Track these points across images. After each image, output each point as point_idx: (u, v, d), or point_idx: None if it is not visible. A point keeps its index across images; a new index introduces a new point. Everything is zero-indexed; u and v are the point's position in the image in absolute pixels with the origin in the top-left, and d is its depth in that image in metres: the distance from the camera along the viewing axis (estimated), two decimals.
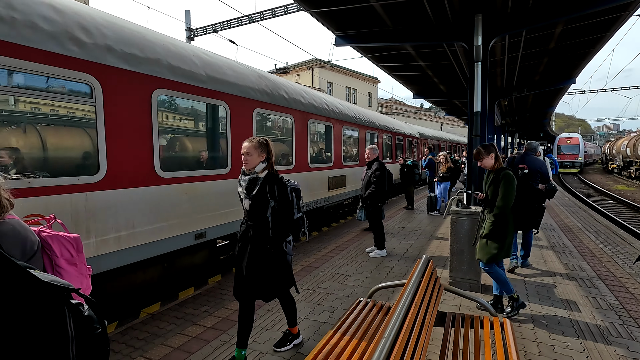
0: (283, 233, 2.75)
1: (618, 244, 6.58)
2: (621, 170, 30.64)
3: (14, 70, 3.00)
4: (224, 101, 5.16)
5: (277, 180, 2.73)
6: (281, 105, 6.50)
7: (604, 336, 3.31)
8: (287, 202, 2.73)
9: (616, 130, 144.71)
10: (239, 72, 5.65)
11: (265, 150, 2.76)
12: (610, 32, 7.05)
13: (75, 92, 3.44)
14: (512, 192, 3.51)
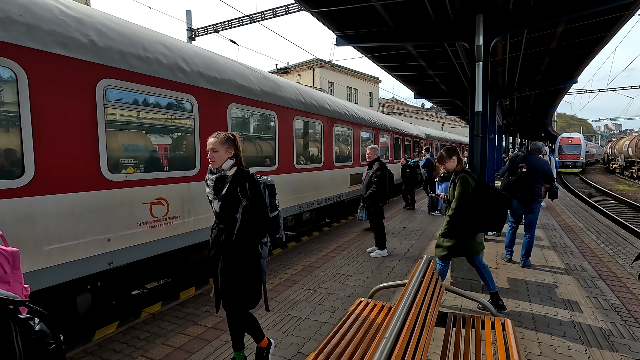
0: (259, 234, 2.53)
1: (620, 244, 6.56)
2: (623, 170, 30.55)
3: (145, 93, 4.02)
4: (272, 111, 6.20)
5: (248, 177, 2.52)
6: (313, 112, 7.56)
7: (606, 337, 3.30)
8: (261, 200, 2.51)
9: (618, 130, 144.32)
10: (282, 85, 6.68)
11: (232, 146, 2.55)
12: (612, 32, 7.02)
13: (182, 108, 4.48)
14: (466, 194, 3.69)
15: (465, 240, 3.73)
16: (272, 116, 6.24)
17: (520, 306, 3.97)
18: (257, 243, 2.54)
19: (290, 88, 7.03)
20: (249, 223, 2.50)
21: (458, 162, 3.83)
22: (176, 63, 4.39)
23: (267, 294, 3.63)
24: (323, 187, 8.06)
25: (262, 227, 2.55)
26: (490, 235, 7.25)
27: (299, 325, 3.57)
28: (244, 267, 2.53)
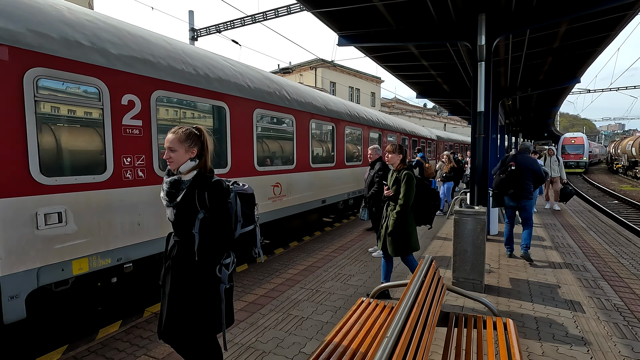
0: (216, 253, 2.05)
1: (623, 245, 6.53)
2: (626, 170, 30.41)
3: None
4: (291, 115, 6.87)
5: (209, 184, 2.05)
6: (325, 115, 8.10)
7: (609, 337, 3.29)
8: (222, 213, 2.04)
9: (621, 129, 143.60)
10: (301, 94, 7.46)
11: (196, 144, 2.11)
12: (615, 31, 6.99)
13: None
14: (412, 191, 3.87)
15: (413, 237, 3.94)
16: (290, 120, 6.84)
17: (523, 306, 3.96)
18: (214, 264, 2.05)
19: (307, 93, 7.84)
20: (206, 239, 2.05)
21: (402, 161, 4.02)
22: (216, 75, 5.06)
23: (235, 317, 3.37)
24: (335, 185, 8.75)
25: (221, 246, 2.06)
26: (492, 235, 7.24)
27: (301, 325, 3.58)
28: (195, 293, 2.05)
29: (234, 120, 5.34)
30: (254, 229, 2.23)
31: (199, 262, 2.04)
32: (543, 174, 5.68)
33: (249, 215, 2.20)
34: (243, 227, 2.17)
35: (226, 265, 2.12)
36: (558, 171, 10.16)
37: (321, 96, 8.40)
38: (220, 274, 2.09)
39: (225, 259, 2.12)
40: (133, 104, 3.90)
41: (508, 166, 5.61)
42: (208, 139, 2.17)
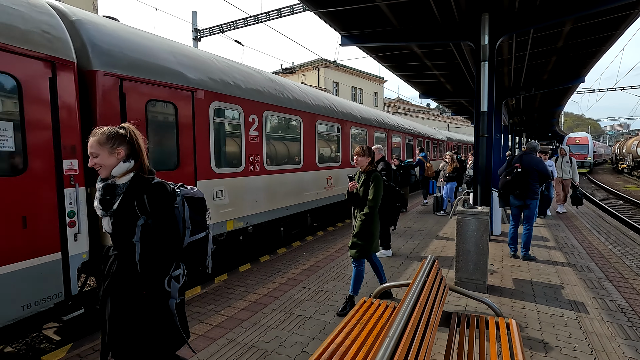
0: (163, 265, 1.85)
1: (627, 245, 6.49)
2: (631, 170, 30.17)
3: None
4: (339, 124, 8.70)
5: (149, 187, 1.85)
6: (360, 123, 9.86)
7: (612, 338, 3.27)
8: (166, 217, 1.84)
9: (626, 129, 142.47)
10: (345, 107, 9.34)
11: (121, 144, 1.87)
12: (620, 31, 6.95)
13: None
14: (381, 193, 3.83)
15: (377, 238, 3.91)
16: (337, 127, 8.52)
17: (526, 307, 3.95)
18: (161, 277, 1.84)
19: (347, 106, 9.68)
20: (149, 250, 1.84)
21: (370, 163, 3.92)
22: (294, 97, 7.00)
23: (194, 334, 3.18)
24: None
25: (167, 255, 1.86)
26: (495, 235, 7.21)
27: (304, 325, 3.59)
28: (141, 312, 1.83)
29: (305, 128, 7.33)
30: (205, 236, 2.03)
31: (142, 275, 1.82)
32: (549, 174, 5.70)
33: (200, 221, 2.01)
34: (193, 234, 1.97)
35: (176, 278, 1.90)
36: (570, 173, 9.66)
37: (357, 107, 10.41)
38: (170, 287, 1.87)
39: (175, 271, 1.90)
40: (254, 121, 5.89)
41: (514, 168, 5.60)
42: (139, 138, 1.93)
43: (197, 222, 1.99)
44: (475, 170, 6.23)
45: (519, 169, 5.53)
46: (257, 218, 5.94)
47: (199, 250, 2.01)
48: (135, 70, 4.05)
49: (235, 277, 5.05)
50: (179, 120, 4.58)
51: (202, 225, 2.02)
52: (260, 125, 6.02)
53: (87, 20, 3.89)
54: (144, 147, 1.95)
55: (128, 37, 4.22)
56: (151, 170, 1.96)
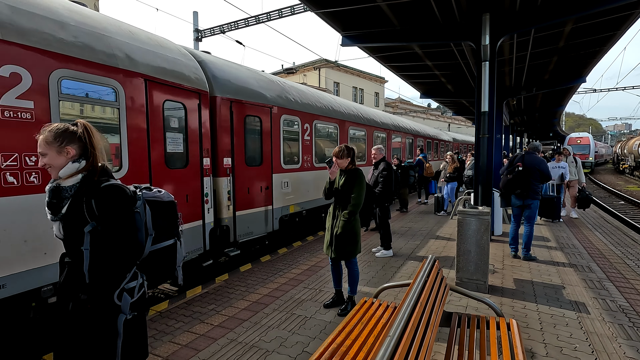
0: (112, 276, 1.65)
1: (629, 245, 6.48)
2: (633, 170, 30.10)
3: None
4: (365, 129, 10.48)
5: (97, 190, 1.66)
6: (381, 127, 11.77)
7: (613, 338, 3.27)
8: (115, 223, 1.66)
9: (628, 129, 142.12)
10: (372, 114, 11.58)
11: (71, 142, 1.70)
12: (621, 30, 6.94)
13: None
14: (364, 191, 3.76)
15: (360, 239, 3.83)
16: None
17: (527, 307, 3.95)
18: (110, 289, 1.65)
19: (374, 113, 11.82)
20: (98, 258, 1.66)
21: (350, 162, 3.80)
22: (333, 108, 8.88)
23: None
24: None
25: (117, 264, 1.67)
26: (496, 235, 7.21)
27: (304, 324, 3.60)
28: (84, 328, 1.65)
29: (341, 132, 9.11)
30: (173, 245, 1.85)
31: (89, 287, 1.63)
32: (550, 174, 5.70)
33: (166, 227, 1.83)
34: (157, 242, 1.79)
35: (129, 290, 1.70)
36: (575, 174, 9.24)
37: (378, 114, 12.15)
38: (121, 301, 1.66)
39: (129, 282, 1.70)
40: (307, 128, 7.59)
41: (515, 167, 5.62)
42: (94, 136, 1.75)
43: (162, 228, 1.81)
44: (476, 171, 6.23)
45: (520, 168, 5.55)
46: (309, 204, 7.64)
47: (164, 260, 1.82)
48: (237, 94, 5.74)
49: (236, 276, 5.06)
50: (262, 129, 6.23)
51: (169, 232, 1.84)
52: (311, 131, 7.82)
53: (208, 60, 5.62)
54: (99, 146, 1.76)
55: (231, 71, 5.90)
56: (106, 171, 1.76)
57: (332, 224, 3.79)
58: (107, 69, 3.73)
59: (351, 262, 3.86)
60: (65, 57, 3.37)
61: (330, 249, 3.81)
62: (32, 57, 3.13)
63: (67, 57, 3.38)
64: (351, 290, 3.92)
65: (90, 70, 3.58)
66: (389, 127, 12.25)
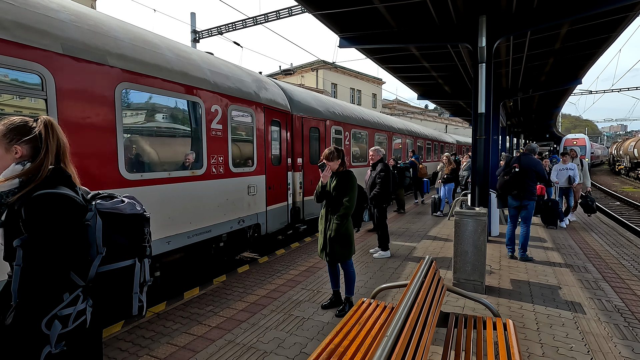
0: (39, 299, 1.36)
1: (624, 246, 6.53)
2: (628, 171, 30.32)
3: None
4: (386, 134, 12.68)
5: (29, 199, 1.39)
6: (398, 132, 13.92)
7: (609, 338, 3.30)
8: (41, 238, 1.38)
9: (624, 131, 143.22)
10: (392, 121, 14.12)
11: (25, 140, 1.49)
12: (616, 33, 7.01)
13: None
14: (356, 193, 3.76)
15: (354, 240, 3.84)
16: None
17: (523, 307, 3.97)
18: (37, 315, 1.36)
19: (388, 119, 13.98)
20: (25, 276, 1.37)
21: (341, 164, 3.80)
22: (363, 118, 10.96)
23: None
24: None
25: (42, 287, 1.36)
26: (493, 236, 7.24)
27: (302, 326, 3.60)
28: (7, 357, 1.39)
29: (369, 138, 11.12)
30: (131, 266, 1.55)
31: (15, 312, 1.37)
32: (546, 176, 5.77)
33: (126, 245, 1.55)
34: (110, 262, 1.50)
35: (63, 318, 1.39)
36: (581, 177, 8.47)
37: (395, 121, 14.29)
38: (50, 330, 1.36)
39: (65, 309, 1.39)
40: (347, 135, 9.56)
41: (512, 168, 5.66)
42: (52, 136, 1.51)
43: (119, 245, 1.53)
44: (473, 172, 6.26)
45: (516, 169, 5.60)
46: None
47: (117, 283, 1.52)
48: (305, 112, 7.73)
49: (233, 278, 5.06)
50: (319, 137, 8.33)
51: (128, 250, 1.55)
52: (350, 137, 9.85)
53: (287, 88, 7.66)
54: (54, 148, 1.51)
55: (300, 95, 7.99)
56: (52, 176, 1.47)
57: (325, 227, 3.79)
58: (247, 102, 5.90)
59: (347, 263, 3.87)
60: (233, 98, 5.58)
61: (324, 252, 3.81)
62: (219, 98, 5.27)
63: (234, 97, 5.59)
64: (348, 291, 3.92)
65: (242, 104, 5.78)
66: (403, 132, 14.50)
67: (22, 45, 3.09)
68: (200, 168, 4.90)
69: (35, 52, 3.17)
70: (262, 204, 6.24)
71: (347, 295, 3.92)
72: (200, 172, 4.88)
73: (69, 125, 3.40)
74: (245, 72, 6.32)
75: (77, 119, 3.49)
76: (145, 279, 1.64)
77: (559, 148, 34.71)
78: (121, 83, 3.86)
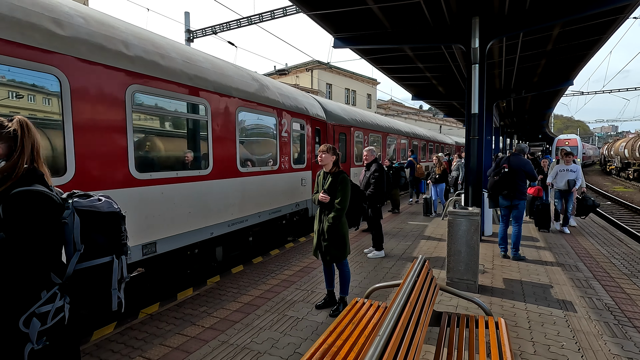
0: (16, 297, 1.41)
1: (615, 245, 6.62)
2: (619, 171, 30.74)
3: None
4: (407, 139, 16.07)
5: (8, 196, 1.42)
6: (418, 137, 17.07)
7: (599, 336, 3.34)
8: (22, 235, 1.40)
9: (615, 131, 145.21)
10: (409, 128, 17.33)
11: (1, 139, 1.50)
12: (607, 34, 7.10)
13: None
14: (349, 196, 3.74)
15: (348, 240, 3.80)
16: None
17: (516, 306, 4.01)
18: (14, 313, 1.39)
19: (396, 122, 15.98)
20: (7, 274, 1.40)
21: (335, 164, 3.81)
22: (376, 124, 12.68)
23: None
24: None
25: (19, 284, 1.41)
26: (486, 236, 7.29)
27: (296, 326, 3.60)
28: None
29: (383, 141, 12.87)
30: (109, 263, 1.58)
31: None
32: (535, 175, 5.86)
33: (104, 243, 1.58)
34: (88, 259, 1.54)
35: (42, 315, 1.42)
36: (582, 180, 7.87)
37: (403, 126, 16.32)
38: (28, 328, 1.39)
39: (44, 305, 1.43)
40: (366, 139, 11.36)
41: (501, 168, 5.78)
42: (27, 135, 1.53)
43: (97, 243, 1.56)
44: (467, 172, 6.30)
45: (506, 169, 5.71)
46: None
47: (95, 280, 1.55)
48: (335, 120, 9.35)
49: (227, 278, 5.04)
50: (346, 140, 10.01)
51: (106, 248, 1.58)
52: (368, 140, 11.60)
53: (322, 102, 9.30)
54: (29, 147, 1.53)
55: (331, 107, 9.68)
56: (32, 175, 1.49)
57: (319, 228, 3.80)
58: (302, 116, 7.71)
59: (342, 263, 3.87)
60: (293, 113, 7.31)
61: (318, 251, 3.83)
62: (285, 114, 7.04)
63: (294, 112, 7.34)
64: (342, 291, 3.93)
65: (298, 117, 7.54)
66: (409, 135, 16.39)
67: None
68: (275, 165, 6.64)
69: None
70: (309, 193, 8.01)
71: (342, 295, 3.93)
72: (275, 168, 6.66)
73: (218, 139, 5.22)
74: (300, 93, 8.32)
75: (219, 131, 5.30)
76: (123, 276, 1.67)
77: (552, 148, 35.07)
78: (239, 107, 5.65)
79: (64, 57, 3.29)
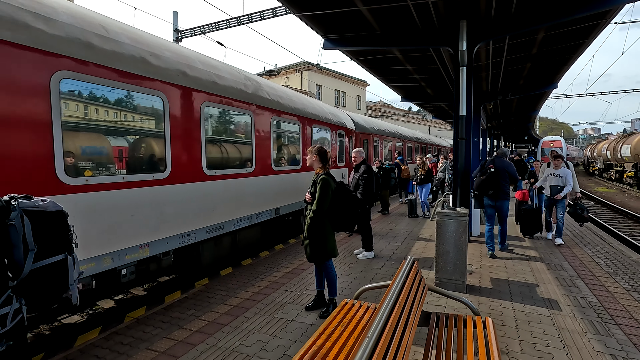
0: None
1: (598, 244, 6.77)
2: (602, 172, 31.52)
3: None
4: (416, 144, 19.67)
5: None
6: (408, 139, 18.36)
7: (583, 333, 3.41)
8: None
9: (597, 133, 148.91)
10: (416, 134, 21.10)
11: None
12: (589, 39, 7.28)
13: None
14: (327, 197, 3.71)
15: (329, 241, 3.78)
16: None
17: (503, 305, 4.06)
18: None
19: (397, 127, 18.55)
20: None
21: (322, 165, 3.85)
22: (378, 129, 14.67)
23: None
24: None
25: None
26: (474, 236, 7.38)
27: (286, 328, 3.58)
28: None
29: (392, 145, 15.79)
30: (63, 260, 1.61)
31: None
32: (517, 177, 6.14)
33: (54, 241, 1.62)
34: (41, 258, 1.55)
35: (1, 318, 1.42)
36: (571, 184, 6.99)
37: (407, 131, 18.46)
38: None
39: (1, 309, 1.42)
40: (381, 143, 14.58)
41: (488, 168, 6.05)
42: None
43: (48, 242, 1.58)
44: (455, 173, 6.37)
45: (492, 169, 5.98)
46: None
47: (51, 278, 1.57)
48: (361, 129, 12.17)
49: (216, 281, 4.98)
50: (368, 145, 12.59)
51: (57, 246, 1.61)
52: (382, 145, 14.28)
53: (350, 114, 12.29)
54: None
55: (357, 118, 12.67)
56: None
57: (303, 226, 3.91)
58: (343, 128, 10.14)
59: (325, 265, 3.88)
60: (336, 126, 9.65)
61: (305, 249, 3.91)
62: (333, 127, 9.57)
63: (337, 126, 9.72)
64: (330, 293, 3.93)
65: (341, 129, 10.09)
66: (412, 139, 18.64)
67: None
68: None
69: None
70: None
71: (330, 297, 3.92)
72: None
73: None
74: (342, 112, 11.09)
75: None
76: (78, 272, 1.72)
77: (537, 150, 35.76)
78: (313, 125, 8.25)
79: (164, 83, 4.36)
